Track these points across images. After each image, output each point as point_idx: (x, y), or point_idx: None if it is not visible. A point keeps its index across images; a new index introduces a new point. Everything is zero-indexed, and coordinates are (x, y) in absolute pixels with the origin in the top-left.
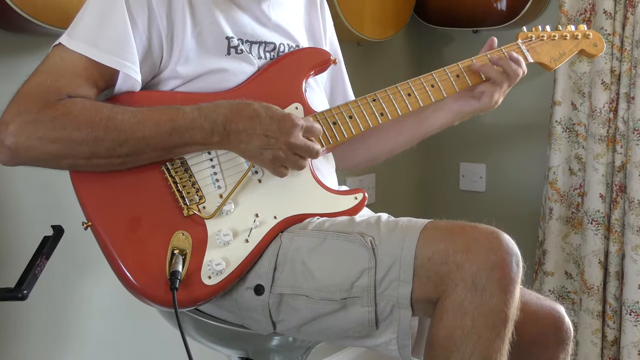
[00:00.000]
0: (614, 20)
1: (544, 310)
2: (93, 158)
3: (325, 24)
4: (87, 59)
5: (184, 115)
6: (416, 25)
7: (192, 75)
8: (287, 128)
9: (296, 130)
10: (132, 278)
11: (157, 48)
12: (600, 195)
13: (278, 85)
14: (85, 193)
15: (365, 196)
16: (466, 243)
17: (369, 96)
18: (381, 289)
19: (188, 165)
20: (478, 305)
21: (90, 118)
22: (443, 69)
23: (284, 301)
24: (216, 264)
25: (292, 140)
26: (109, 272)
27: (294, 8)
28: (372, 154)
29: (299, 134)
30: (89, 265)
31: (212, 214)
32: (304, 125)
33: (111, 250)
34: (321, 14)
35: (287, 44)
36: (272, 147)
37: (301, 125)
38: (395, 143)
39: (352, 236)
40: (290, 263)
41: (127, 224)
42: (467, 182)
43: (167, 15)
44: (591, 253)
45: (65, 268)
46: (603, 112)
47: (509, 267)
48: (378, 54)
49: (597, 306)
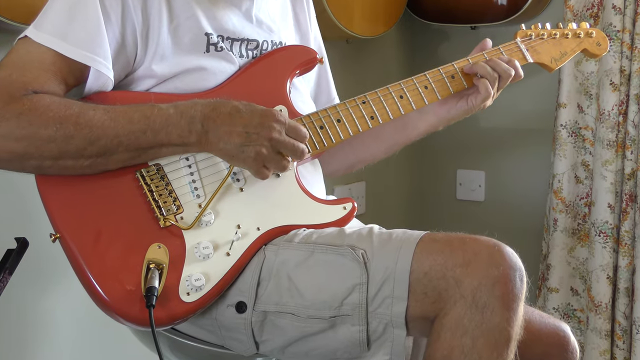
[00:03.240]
0: (623, 16)
1: (548, 330)
2: (61, 158)
3: (311, 20)
4: (55, 53)
5: (160, 112)
6: (409, 22)
7: (168, 74)
8: (270, 123)
9: (278, 125)
10: (104, 294)
11: (131, 44)
12: (608, 205)
13: (260, 86)
14: (53, 201)
15: (354, 206)
16: (466, 256)
17: (358, 98)
18: (373, 306)
19: (164, 172)
20: (479, 323)
21: (59, 114)
22: (437, 69)
23: (268, 319)
24: (195, 279)
25: (275, 136)
26: (79, 288)
27: (280, 2)
28: (349, 162)
29: (282, 130)
30: (56, 281)
31: (190, 224)
32: (288, 122)
33: (81, 264)
34: (307, 9)
35: (270, 41)
36: (254, 143)
37: (283, 121)
38: (375, 150)
39: (342, 249)
40: (274, 278)
41: (99, 235)
42: (464, 190)
43: (143, 9)
44: (599, 268)
45: (30, 284)
46: (612, 115)
47: (512, 283)
48: (368, 52)
49: (606, 325)
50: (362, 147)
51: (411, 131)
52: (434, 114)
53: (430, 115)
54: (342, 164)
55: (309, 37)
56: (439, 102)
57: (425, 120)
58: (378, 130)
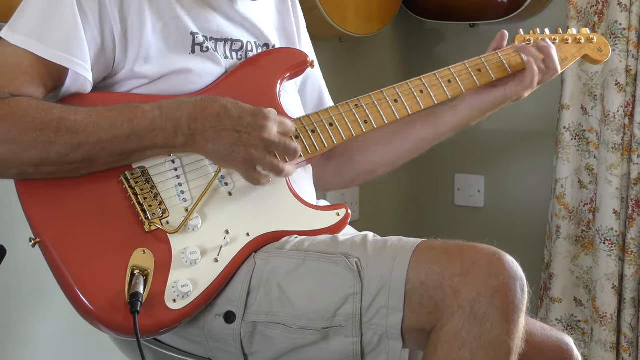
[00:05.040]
0: (629, 13)
1: (550, 342)
2: (43, 165)
3: (298, 23)
4: (32, 55)
5: (144, 115)
6: (405, 19)
7: (154, 76)
8: (261, 122)
9: (270, 123)
10: (87, 301)
11: (110, 46)
12: (614, 212)
13: (249, 89)
14: (32, 204)
15: (348, 212)
16: (464, 265)
17: (351, 102)
18: (368, 317)
19: (149, 174)
20: (477, 335)
21: (39, 119)
22: (433, 74)
23: (257, 330)
24: (182, 286)
25: (266, 135)
26: (60, 295)
27: (264, 6)
28: (371, 166)
29: (274, 129)
30: (36, 289)
31: (176, 228)
32: (279, 120)
33: (62, 269)
34: (293, 12)
35: (254, 42)
36: (245, 143)
37: (274, 119)
38: (400, 150)
39: (335, 257)
40: (265, 287)
41: (80, 240)
42: (463, 196)
43: (120, 9)
44: (604, 277)
45: (8, 293)
46: (617, 116)
47: (513, 293)
48: (362, 51)
49: (611, 337)
50: (385, 148)
51: (441, 126)
52: (467, 104)
53: (463, 107)
54: (362, 170)
55: (296, 41)
56: (472, 93)
57: (457, 113)
58: (403, 127)
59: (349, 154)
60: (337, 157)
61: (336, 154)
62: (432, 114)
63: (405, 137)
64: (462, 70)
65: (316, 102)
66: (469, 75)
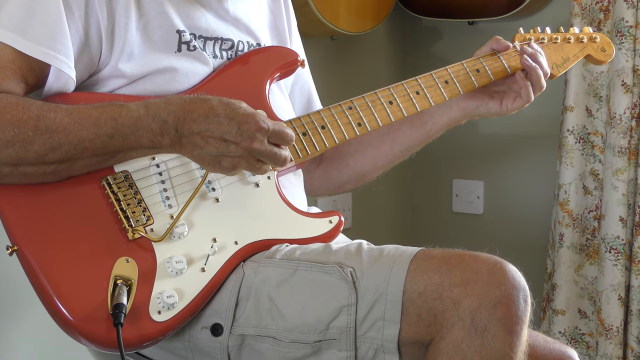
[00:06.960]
0: (636, 10)
1: (553, 356)
2: (20, 165)
3: (290, 22)
4: (14, 50)
5: (129, 114)
6: (400, 16)
7: (137, 75)
8: (250, 131)
9: (260, 134)
10: (67, 312)
11: (95, 41)
12: (620, 219)
13: (238, 89)
14: (10, 210)
15: (341, 220)
16: (464, 275)
17: (343, 103)
18: (363, 329)
19: (133, 179)
20: (478, 348)
21: (17, 116)
22: (430, 74)
23: (246, 344)
24: (167, 296)
25: (256, 146)
26: (39, 307)
27: (255, 4)
28: (361, 170)
29: (265, 139)
30: (13, 300)
31: (161, 236)
32: (271, 129)
33: (41, 279)
34: (285, 10)
35: (246, 41)
36: (232, 154)
37: (267, 128)
38: (390, 153)
39: (328, 267)
40: (254, 298)
41: (60, 248)
42: (461, 202)
43: (108, 4)
44: (609, 287)
45: None
46: (624, 119)
47: (515, 304)
48: (355, 50)
49: (617, 351)
50: (374, 151)
51: (431, 127)
52: (459, 107)
53: (455, 109)
54: (351, 175)
55: (287, 40)
56: (467, 97)
57: (447, 114)
58: (391, 130)
59: (338, 158)
60: (326, 161)
61: (325, 158)
62: (421, 115)
63: (394, 140)
64: (460, 70)
65: (304, 104)
66: (467, 76)
